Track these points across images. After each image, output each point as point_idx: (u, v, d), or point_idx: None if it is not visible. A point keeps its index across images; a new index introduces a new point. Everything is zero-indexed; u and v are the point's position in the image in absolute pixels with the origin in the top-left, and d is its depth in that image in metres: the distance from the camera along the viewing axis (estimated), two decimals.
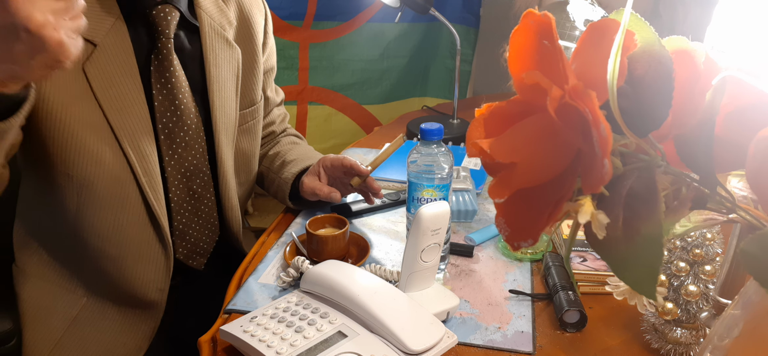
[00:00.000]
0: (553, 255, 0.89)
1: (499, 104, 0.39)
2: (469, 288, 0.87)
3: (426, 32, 2.06)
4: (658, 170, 0.37)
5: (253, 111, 1.07)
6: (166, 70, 0.91)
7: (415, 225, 0.76)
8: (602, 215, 0.34)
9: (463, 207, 1.04)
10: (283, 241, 1.00)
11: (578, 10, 1.29)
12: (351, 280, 0.75)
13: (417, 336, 0.69)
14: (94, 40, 0.85)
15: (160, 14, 0.90)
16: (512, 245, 0.39)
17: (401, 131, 1.57)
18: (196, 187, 0.98)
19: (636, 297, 0.47)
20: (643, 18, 0.37)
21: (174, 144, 0.94)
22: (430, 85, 2.17)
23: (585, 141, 0.35)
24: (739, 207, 0.38)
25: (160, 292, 0.97)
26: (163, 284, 0.97)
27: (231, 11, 1.01)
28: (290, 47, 1.98)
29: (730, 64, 0.37)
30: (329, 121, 2.12)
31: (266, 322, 0.72)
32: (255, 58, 1.06)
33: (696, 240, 0.70)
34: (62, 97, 0.84)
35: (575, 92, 0.34)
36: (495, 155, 0.37)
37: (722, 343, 0.43)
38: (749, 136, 0.34)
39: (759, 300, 0.40)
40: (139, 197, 0.91)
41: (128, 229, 0.92)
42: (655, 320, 0.74)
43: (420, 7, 1.39)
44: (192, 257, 1.02)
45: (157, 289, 0.96)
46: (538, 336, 0.76)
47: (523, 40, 0.38)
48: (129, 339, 0.96)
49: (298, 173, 1.08)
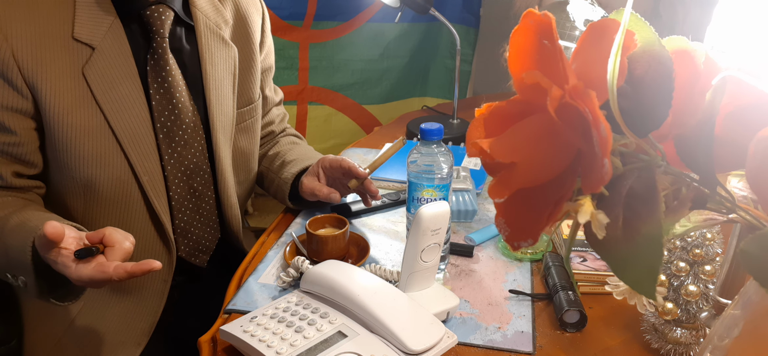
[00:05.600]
0: (553, 255, 0.89)
1: (499, 104, 0.39)
2: (469, 288, 0.87)
3: (426, 32, 2.06)
4: (658, 170, 0.37)
5: (250, 110, 1.08)
6: (163, 70, 0.91)
7: (415, 225, 0.76)
8: (602, 215, 0.34)
9: (463, 207, 1.04)
10: (283, 241, 1.00)
11: (578, 10, 1.29)
12: (351, 280, 0.75)
13: (417, 336, 0.69)
14: (92, 44, 0.86)
15: (154, 14, 0.90)
16: (512, 245, 0.39)
17: (401, 130, 1.57)
18: (196, 185, 0.98)
19: (636, 297, 0.47)
20: (643, 18, 0.37)
21: (173, 143, 0.94)
22: (430, 85, 2.17)
23: (585, 141, 0.35)
24: (739, 207, 0.38)
25: (163, 283, 0.97)
26: (166, 279, 0.97)
27: (227, 10, 1.01)
28: (290, 47, 1.98)
29: (730, 64, 0.37)
30: (329, 121, 2.12)
31: (266, 322, 0.72)
32: (252, 57, 1.06)
33: (696, 240, 0.70)
34: (64, 103, 0.85)
35: (575, 91, 0.34)
36: (495, 155, 0.37)
37: (722, 343, 0.43)
38: (749, 136, 0.34)
39: (759, 300, 0.40)
40: (141, 197, 0.92)
41: (131, 228, 0.92)
42: (655, 320, 0.74)
43: (420, 7, 1.39)
44: (194, 255, 1.03)
45: (161, 280, 0.97)
46: (538, 336, 0.76)
47: (523, 40, 0.38)
48: (128, 336, 0.97)
49: (298, 173, 1.08)
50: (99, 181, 0.89)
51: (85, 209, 0.91)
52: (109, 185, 0.89)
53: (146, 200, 0.92)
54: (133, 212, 0.92)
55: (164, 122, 0.92)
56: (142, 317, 0.97)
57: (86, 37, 0.85)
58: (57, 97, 0.84)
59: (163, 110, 0.92)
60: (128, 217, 0.92)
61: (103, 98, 0.86)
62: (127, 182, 0.90)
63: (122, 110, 0.88)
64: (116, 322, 0.96)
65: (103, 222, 0.91)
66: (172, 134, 0.93)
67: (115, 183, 0.89)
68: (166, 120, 0.92)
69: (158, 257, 0.95)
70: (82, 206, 0.90)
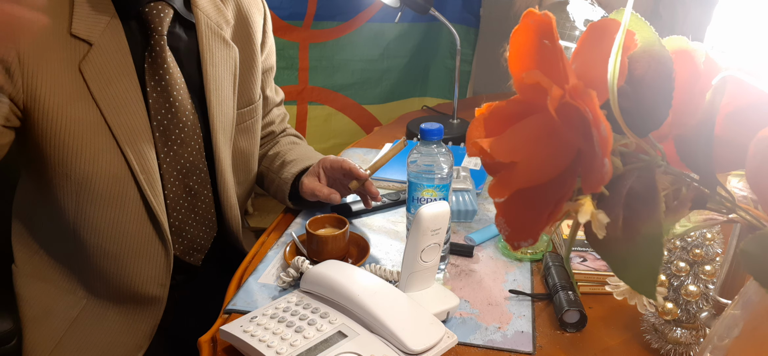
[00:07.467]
0: (553, 255, 0.89)
1: (499, 103, 0.39)
2: (469, 288, 0.87)
3: (426, 32, 2.06)
4: (658, 170, 0.37)
5: (251, 110, 1.07)
6: (160, 68, 0.91)
7: (415, 225, 0.76)
8: (602, 215, 0.34)
9: (463, 207, 1.04)
10: (283, 241, 1.00)
11: (578, 10, 1.29)
12: (351, 280, 0.75)
13: (417, 336, 0.69)
14: (90, 40, 0.85)
15: (154, 11, 0.90)
16: (512, 245, 0.39)
17: (401, 130, 1.57)
18: (192, 184, 0.98)
19: (636, 297, 0.47)
20: (643, 18, 0.37)
21: (169, 141, 0.94)
22: (430, 85, 2.17)
23: (585, 141, 0.35)
24: (739, 207, 0.38)
25: (161, 287, 0.97)
26: (164, 280, 0.97)
27: (229, 10, 1.01)
28: (290, 47, 1.98)
29: (730, 64, 0.37)
30: (329, 121, 2.12)
31: (266, 322, 0.72)
32: (253, 58, 1.06)
33: (696, 240, 0.70)
34: (59, 98, 0.84)
35: (575, 91, 0.34)
36: (495, 155, 0.37)
37: (722, 343, 0.43)
38: (749, 136, 0.34)
39: (759, 300, 0.40)
40: (138, 195, 0.91)
41: (127, 226, 0.92)
42: (655, 320, 0.74)
43: (420, 7, 1.39)
44: (189, 254, 1.02)
45: (158, 284, 0.97)
46: (538, 336, 0.76)
47: (524, 40, 0.38)
48: (129, 339, 0.96)
49: (298, 173, 1.08)
50: (95, 178, 0.88)
51: (77, 210, 0.90)
52: (105, 183, 0.89)
53: (143, 199, 0.92)
54: (128, 210, 0.91)
55: (161, 119, 0.92)
56: (144, 319, 0.97)
57: (84, 33, 0.85)
58: (53, 91, 0.84)
59: (160, 107, 0.92)
60: (123, 216, 0.91)
61: (100, 94, 0.86)
62: (123, 180, 0.90)
63: (119, 106, 0.88)
64: (117, 325, 0.96)
65: (97, 223, 0.91)
66: (168, 132, 0.93)
67: (111, 180, 0.89)
68: (163, 118, 0.92)
69: (155, 256, 0.95)
70: (74, 205, 0.90)
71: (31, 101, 0.84)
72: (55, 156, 0.87)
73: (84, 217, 0.90)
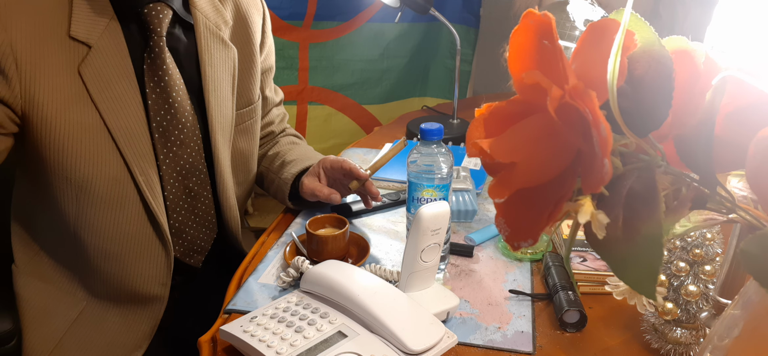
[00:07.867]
0: (553, 255, 0.89)
1: (499, 104, 0.39)
2: (469, 288, 0.87)
3: (426, 32, 2.06)
4: (658, 170, 0.37)
5: (250, 111, 1.07)
6: (159, 69, 0.91)
7: (415, 225, 0.76)
8: (602, 215, 0.34)
9: (463, 207, 1.04)
10: (283, 241, 1.00)
11: (578, 10, 1.29)
12: (351, 280, 0.75)
13: (417, 336, 0.69)
14: (89, 42, 0.85)
15: (153, 13, 0.90)
16: (512, 245, 0.39)
17: (401, 130, 1.57)
18: (192, 185, 0.98)
19: (636, 297, 0.47)
20: (643, 18, 0.37)
21: (169, 143, 0.94)
22: (430, 85, 2.17)
23: (585, 141, 0.35)
24: (739, 207, 0.38)
25: (162, 287, 0.97)
26: (165, 279, 0.97)
27: (227, 11, 1.01)
28: (290, 47, 1.98)
29: (730, 64, 0.37)
30: (329, 121, 2.12)
31: (266, 322, 0.72)
32: (252, 58, 1.06)
33: (696, 240, 0.70)
34: (58, 101, 0.84)
35: (575, 91, 0.34)
36: (495, 155, 0.37)
37: (722, 343, 0.43)
38: (749, 136, 0.34)
39: (759, 300, 0.40)
40: (138, 196, 0.91)
41: (128, 228, 0.92)
42: (655, 320, 0.74)
43: (420, 7, 1.39)
44: (189, 255, 1.02)
45: (159, 284, 0.97)
46: (538, 336, 0.76)
47: (523, 40, 0.38)
48: (129, 339, 0.96)
49: (298, 173, 1.08)
50: (95, 181, 0.88)
51: (78, 212, 0.90)
52: (105, 185, 0.89)
53: (143, 200, 0.92)
54: (129, 213, 0.91)
55: (160, 121, 0.92)
56: (144, 320, 0.97)
57: (83, 35, 0.85)
58: (52, 94, 0.83)
59: (159, 109, 0.92)
60: (124, 218, 0.91)
61: (99, 96, 0.86)
62: (123, 182, 0.90)
63: (118, 108, 0.88)
64: (117, 325, 0.96)
65: (98, 225, 0.91)
66: (168, 133, 0.93)
67: (111, 183, 0.89)
68: (162, 120, 0.92)
69: (156, 258, 0.95)
70: (75, 209, 0.90)
71: (29, 106, 0.83)
72: (54, 160, 0.86)
73: (84, 219, 0.90)
